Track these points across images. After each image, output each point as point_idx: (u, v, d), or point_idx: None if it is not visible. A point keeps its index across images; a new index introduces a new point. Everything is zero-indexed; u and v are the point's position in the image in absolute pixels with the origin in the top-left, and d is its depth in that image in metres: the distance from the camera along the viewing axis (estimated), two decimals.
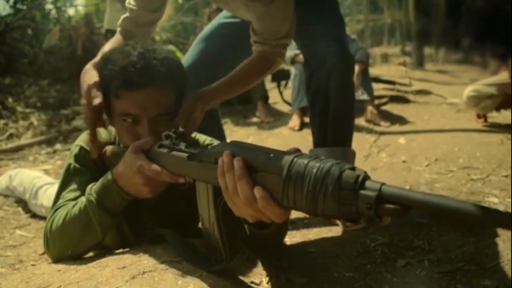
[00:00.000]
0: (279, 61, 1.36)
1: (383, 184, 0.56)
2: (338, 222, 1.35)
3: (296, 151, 0.68)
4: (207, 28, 1.66)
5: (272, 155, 0.68)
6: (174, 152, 0.89)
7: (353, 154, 1.51)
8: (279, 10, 1.24)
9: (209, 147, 0.82)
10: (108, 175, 0.99)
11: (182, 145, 0.89)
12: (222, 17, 1.62)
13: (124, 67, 1.00)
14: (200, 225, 0.96)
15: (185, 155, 0.84)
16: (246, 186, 0.69)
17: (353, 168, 0.60)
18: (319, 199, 0.60)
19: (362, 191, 0.57)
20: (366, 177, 0.58)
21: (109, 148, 1.11)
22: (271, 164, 0.67)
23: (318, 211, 0.62)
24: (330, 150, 1.43)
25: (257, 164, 0.69)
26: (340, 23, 1.48)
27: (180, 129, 0.93)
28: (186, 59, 1.57)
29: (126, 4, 1.36)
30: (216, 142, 1.12)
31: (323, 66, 1.39)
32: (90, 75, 1.07)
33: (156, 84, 1.01)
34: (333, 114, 1.43)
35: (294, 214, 1.54)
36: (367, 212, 0.56)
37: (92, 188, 1.01)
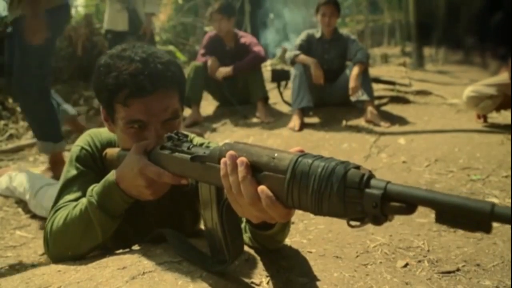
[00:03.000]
0: None
1: (388, 182, 0.56)
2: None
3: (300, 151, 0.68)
4: None
5: (276, 155, 0.67)
6: (177, 154, 0.89)
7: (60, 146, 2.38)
8: None
9: (211, 148, 0.82)
10: (110, 177, 0.98)
11: (184, 147, 0.89)
12: None
13: (132, 75, 0.97)
14: (202, 226, 0.95)
15: (188, 156, 0.84)
16: (250, 186, 0.69)
17: (358, 167, 0.60)
18: (324, 198, 0.60)
19: (367, 190, 0.56)
20: (371, 176, 0.58)
21: (109, 150, 1.11)
22: (275, 164, 0.67)
23: (323, 211, 0.61)
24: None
25: (261, 164, 0.69)
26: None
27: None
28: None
29: None
30: (212, 144, 1.12)
31: None
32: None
33: (164, 89, 1.00)
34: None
35: (295, 215, 1.54)
36: (373, 211, 0.56)
37: (94, 189, 1.00)
